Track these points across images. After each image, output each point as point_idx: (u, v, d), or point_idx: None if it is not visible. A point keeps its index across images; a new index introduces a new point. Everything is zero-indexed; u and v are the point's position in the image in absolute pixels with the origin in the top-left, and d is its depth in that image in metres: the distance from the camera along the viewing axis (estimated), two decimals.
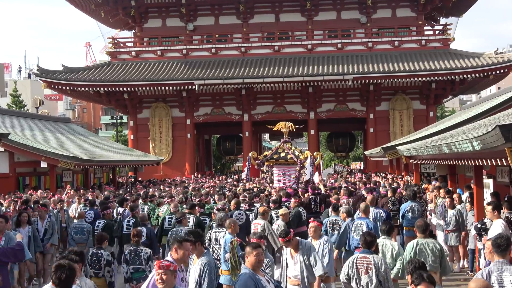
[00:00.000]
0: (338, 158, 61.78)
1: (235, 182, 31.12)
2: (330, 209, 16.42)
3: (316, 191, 19.19)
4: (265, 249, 10.20)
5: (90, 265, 11.27)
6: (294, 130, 27.15)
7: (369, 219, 13.25)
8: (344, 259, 12.85)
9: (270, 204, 16.31)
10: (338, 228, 14.06)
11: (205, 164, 56.12)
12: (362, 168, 57.71)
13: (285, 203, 17.16)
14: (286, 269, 10.31)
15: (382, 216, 14.79)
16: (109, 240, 13.31)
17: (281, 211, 14.00)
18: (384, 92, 45.89)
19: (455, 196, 16.58)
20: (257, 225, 13.52)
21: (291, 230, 10.29)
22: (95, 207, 18.15)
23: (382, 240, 10.45)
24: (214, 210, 15.76)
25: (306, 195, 19.06)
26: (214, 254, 11.62)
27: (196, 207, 15.61)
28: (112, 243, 15.28)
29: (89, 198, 20.82)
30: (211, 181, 35.61)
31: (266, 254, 9.69)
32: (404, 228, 16.40)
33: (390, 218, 16.01)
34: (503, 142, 7.46)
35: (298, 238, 10.41)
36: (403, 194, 18.96)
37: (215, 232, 12.10)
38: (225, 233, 11.61)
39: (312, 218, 12.23)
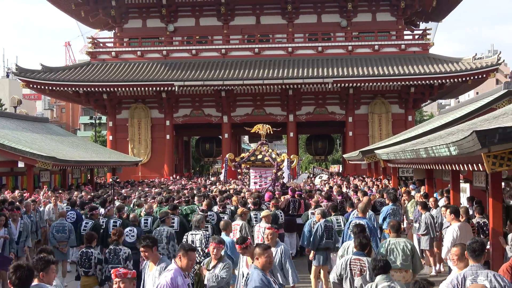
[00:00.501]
0: (317, 161, 61.76)
1: (208, 184, 31.17)
2: (309, 212, 16.47)
3: (297, 194, 19.25)
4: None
5: (80, 264, 11.53)
6: (272, 132, 27.23)
7: (367, 219, 13.38)
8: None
9: (250, 205, 16.39)
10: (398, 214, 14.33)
11: (184, 165, 56.00)
12: (340, 171, 57.85)
13: (265, 204, 17.33)
14: (242, 279, 9.45)
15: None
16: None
17: (264, 213, 14.02)
18: (364, 96, 46.10)
19: (431, 200, 16.70)
20: (235, 226, 13.56)
21: (249, 237, 9.93)
22: (77, 208, 18.20)
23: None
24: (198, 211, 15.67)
25: (284, 197, 19.13)
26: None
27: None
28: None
29: (72, 198, 20.82)
30: (191, 182, 35.53)
31: (224, 259, 9.68)
32: (384, 230, 16.49)
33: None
34: (479, 147, 7.52)
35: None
36: (377, 197, 19.14)
37: (192, 234, 11.91)
38: (201, 235, 11.68)
39: (269, 225, 12.28)
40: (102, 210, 17.55)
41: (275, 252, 9.82)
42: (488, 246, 11.04)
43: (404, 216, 18.86)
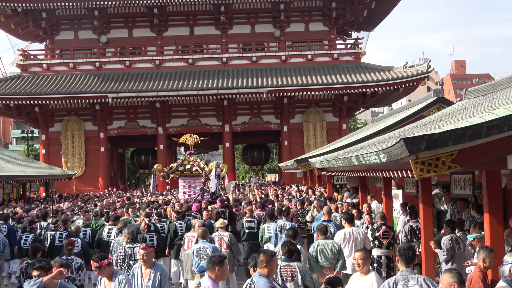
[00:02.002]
0: (253, 170, 62.00)
1: (136, 196, 31.16)
2: (244, 220, 16.51)
3: (226, 203, 19.42)
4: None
5: (25, 276, 11.38)
6: (199, 142, 27.38)
7: (333, 220, 14.14)
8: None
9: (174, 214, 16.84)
10: (330, 234, 13.69)
11: (120, 178, 55.34)
12: (277, 180, 58.09)
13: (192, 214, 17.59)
14: None
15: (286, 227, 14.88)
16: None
17: (219, 223, 14.28)
18: (298, 105, 46.46)
19: (365, 206, 16.87)
20: (191, 237, 13.82)
21: (109, 257, 9.33)
22: (11, 222, 18.15)
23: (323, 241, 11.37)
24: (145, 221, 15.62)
25: (213, 207, 19.30)
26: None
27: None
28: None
29: (5, 212, 20.64)
30: (126, 195, 35.17)
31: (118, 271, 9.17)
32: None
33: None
34: (407, 154, 7.65)
35: (114, 268, 9.25)
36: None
37: (129, 247, 11.76)
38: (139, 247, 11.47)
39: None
40: (44, 223, 17.61)
41: (153, 275, 9.33)
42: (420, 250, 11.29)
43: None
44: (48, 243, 14.85)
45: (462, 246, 11.46)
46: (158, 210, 18.74)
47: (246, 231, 16.15)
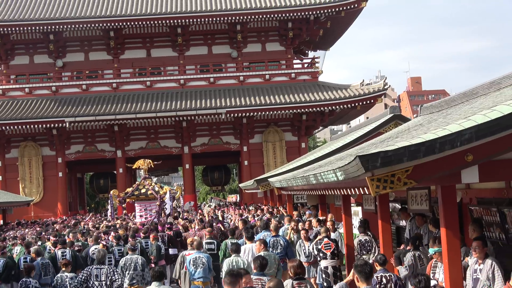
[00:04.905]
0: (214, 191, 61.75)
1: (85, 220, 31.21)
2: (204, 242, 16.56)
3: (167, 227, 20.59)
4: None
5: None
6: (153, 166, 27.80)
7: (281, 236, 15.61)
8: None
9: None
10: (280, 246, 14.93)
11: (79, 203, 54.68)
12: (238, 200, 57.99)
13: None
14: None
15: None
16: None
17: (189, 241, 15.33)
18: (257, 125, 46.56)
19: (328, 224, 16.89)
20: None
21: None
22: None
23: (233, 258, 12.45)
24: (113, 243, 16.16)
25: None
26: None
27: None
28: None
29: None
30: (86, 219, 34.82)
31: None
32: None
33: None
34: (363, 171, 7.70)
35: None
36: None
37: (96, 268, 12.37)
38: (107, 269, 12.47)
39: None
40: None
41: None
42: (370, 261, 11.38)
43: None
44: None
45: (426, 262, 11.53)
46: (117, 233, 18.82)
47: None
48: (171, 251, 19.12)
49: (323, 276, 14.22)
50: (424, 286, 8.08)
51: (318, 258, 14.41)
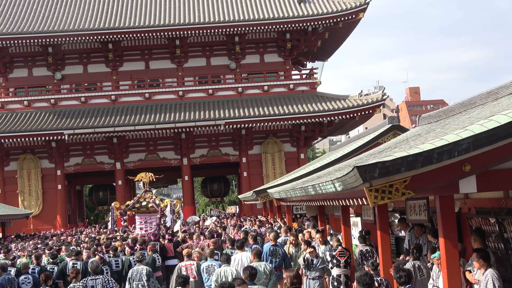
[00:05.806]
0: (213, 203, 61.73)
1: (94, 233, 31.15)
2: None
3: (167, 238, 20.83)
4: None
5: None
6: (154, 180, 28.03)
7: (279, 246, 15.70)
8: None
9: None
10: (278, 255, 15.23)
11: (78, 215, 54.60)
12: (237, 212, 57.90)
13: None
14: None
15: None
16: None
17: (185, 252, 15.22)
18: (256, 136, 46.59)
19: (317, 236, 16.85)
20: (189, 266, 14.60)
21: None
22: None
23: (223, 268, 12.52)
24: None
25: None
26: None
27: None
28: None
29: None
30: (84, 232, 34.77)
31: None
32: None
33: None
34: (361, 182, 7.69)
35: None
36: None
37: (92, 279, 12.55)
38: (102, 279, 12.64)
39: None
40: None
41: None
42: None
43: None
44: None
45: (425, 273, 11.51)
46: (112, 245, 18.92)
47: None
48: (171, 262, 19.23)
49: (335, 284, 14.00)
50: (404, 282, 8.37)
51: (330, 265, 14.11)
